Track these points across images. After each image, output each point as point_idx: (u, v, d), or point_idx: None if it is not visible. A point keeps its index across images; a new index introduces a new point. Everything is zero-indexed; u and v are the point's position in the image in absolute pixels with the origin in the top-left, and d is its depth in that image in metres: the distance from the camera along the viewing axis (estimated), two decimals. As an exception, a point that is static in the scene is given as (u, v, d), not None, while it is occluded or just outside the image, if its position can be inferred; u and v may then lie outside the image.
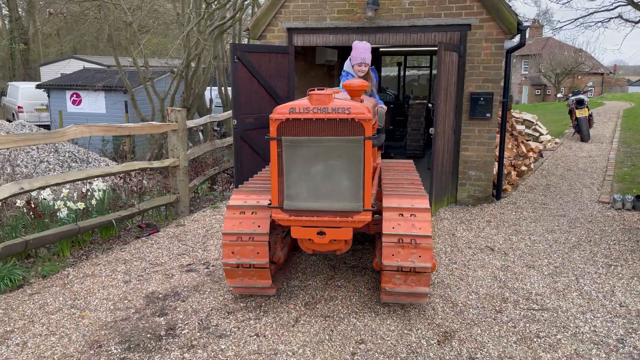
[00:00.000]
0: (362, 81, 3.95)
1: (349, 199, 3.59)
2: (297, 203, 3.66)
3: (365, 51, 5.10)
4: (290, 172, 3.62)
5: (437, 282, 4.70)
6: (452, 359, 3.46)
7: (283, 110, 3.56)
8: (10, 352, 3.54)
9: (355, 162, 3.52)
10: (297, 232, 3.76)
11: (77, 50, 31.30)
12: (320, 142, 3.53)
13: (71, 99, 15.86)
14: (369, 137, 3.48)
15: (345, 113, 3.47)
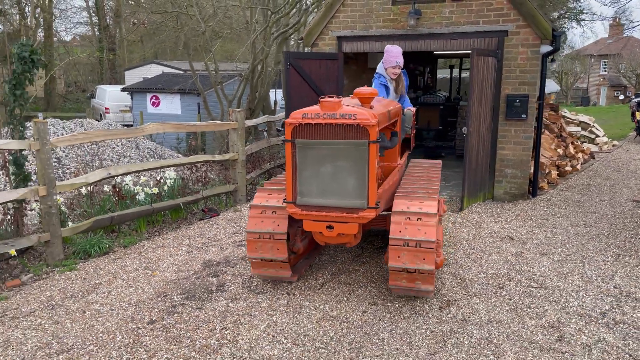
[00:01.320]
0: (371, 90, 4.17)
1: (355, 197, 3.88)
2: (308, 199, 3.99)
3: (399, 54, 5.34)
4: (302, 171, 3.94)
5: (452, 262, 5.32)
6: (447, 320, 4.11)
7: (297, 116, 3.89)
8: (99, 297, 4.57)
9: (361, 163, 3.81)
10: (309, 225, 4.10)
11: (158, 56, 33.64)
12: (329, 144, 3.84)
13: (151, 101, 17.52)
14: (373, 141, 3.75)
15: (352, 119, 3.74)
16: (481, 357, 3.57)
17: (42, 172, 5.29)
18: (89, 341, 3.79)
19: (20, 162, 5.72)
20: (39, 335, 3.90)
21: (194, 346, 3.70)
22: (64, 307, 4.36)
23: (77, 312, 4.26)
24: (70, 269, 5.25)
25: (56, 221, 5.43)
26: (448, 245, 5.85)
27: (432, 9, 8.05)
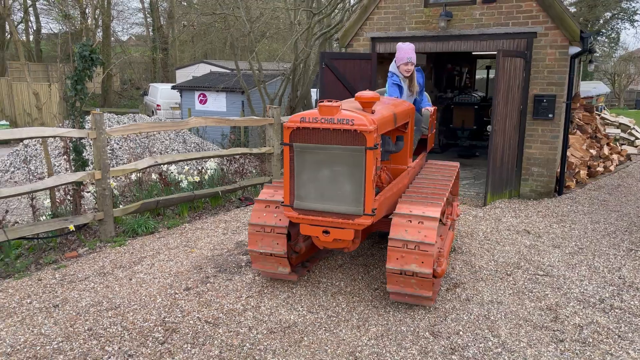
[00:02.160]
0: (373, 94, 4.01)
1: (351, 203, 3.82)
2: (305, 203, 3.94)
3: (410, 50, 5.20)
4: (300, 175, 3.90)
5: (465, 251, 5.65)
6: (451, 299, 4.48)
7: (295, 119, 3.86)
8: (143, 268, 5.19)
9: (358, 169, 3.74)
10: (305, 229, 4.07)
11: (208, 56, 34.90)
12: (326, 149, 3.79)
13: (198, 99, 18.41)
14: (370, 147, 3.68)
15: (349, 124, 3.69)
16: (476, 330, 3.93)
17: (97, 158, 5.97)
18: (133, 302, 4.38)
19: (79, 149, 6.44)
20: (91, 295, 4.53)
21: (222, 309, 4.24)
22: (114, 275, 5.00)
23: (124, 279, 4.88)
24: (119, 245, 5.91)
25: (109, 202, 6.11)
26: (465, 236, 6.18)
27: (463, 11, 8.34)
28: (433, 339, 3.81)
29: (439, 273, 4.08)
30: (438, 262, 4.11)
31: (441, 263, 4.13)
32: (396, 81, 5.24)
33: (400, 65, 5.21)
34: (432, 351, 3.64)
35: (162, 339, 3.77)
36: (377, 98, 3.98)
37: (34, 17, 30.14)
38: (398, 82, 5.24)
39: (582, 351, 3.66)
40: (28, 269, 5.23)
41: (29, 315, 4.14)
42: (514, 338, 3.83)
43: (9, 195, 5.40)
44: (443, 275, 4.22)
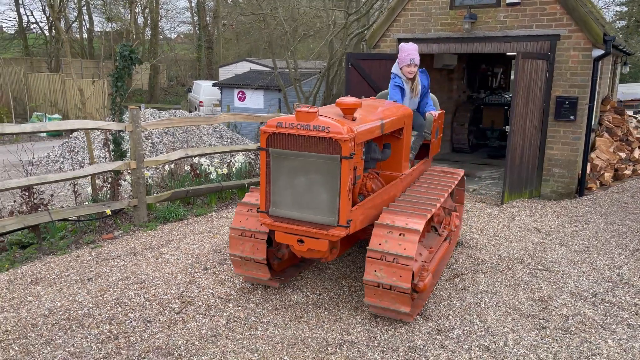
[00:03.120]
0: (354, 100, 3.84)
1: (326, 213, 3.69)
2: (280, 210, 3.84)
3: (414, 52, 5.06)
4: (276, 181, 3.80)
5: (472, 245, 5.89)
6: (449, 288, 4.75)
7: (272, 124, 3.75)
8: (169, 250, 5.69)
9: (333, 178, 3.62)
10: (280, 237, 3.97)
11: (251, 54, 35.76)
12: (302, 156, 3.68)
13: (237, 96, 19.06)
14: (345, 156, 3.55)
15: (325, 132, 3.56)
16: (465, 315, 4.21)
17: (133, 149, 6.54)
18: (157, 278, 4.88)
19: (118, 141, 7.04)
20: (121, 271, 5.06)
21: (234, 287, 4.67)
22: (142, 255, 5.52)
23: (151, 259, 5.40)
24: (151, 229, 6.45)
25: (142, 190, 6.67)
26: (475, 232, 6.40)
27: (487, 13, 8.50)
28: (422, 320, 4.12)
29: (420, 288, 3.93)
30: (420, 276, 3.97)
31: (423, 277, 3.97)
32: (398, 83, 5.16)
33: (403, 67, 5.13)
34: (419, 331, 3.95)
35: (178, 309, 4.24)
36: (359, 105, 3.82)
37: (87, 16, 31.69)
38: (400, 84, 5.16)
39: (562, 338, 3.89)
40: (69, 247, 5.83)
41: (66, 285, 4.70)
42: (499, 324, 4.09)
43: (55, 181, 6.03)
44: (426, 290, 4.06)
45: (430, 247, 4.64)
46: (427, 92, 5.51)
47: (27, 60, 25.63)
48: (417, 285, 3.94)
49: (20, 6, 27.62)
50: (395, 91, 5.16)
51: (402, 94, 5.16)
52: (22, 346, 3.63)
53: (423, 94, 5.42)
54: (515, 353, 3.67)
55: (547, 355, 3.66)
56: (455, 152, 12.83)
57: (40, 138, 16.55)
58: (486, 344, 3.79)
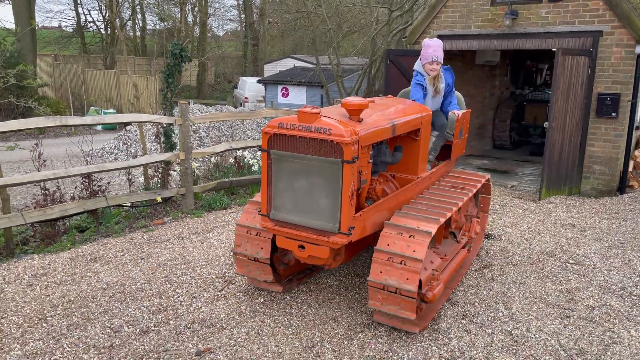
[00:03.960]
0: (361, 100, 3.61)
1: (327, 219, 3.54)
2: (281, 214, 3.71)
3: (437, 48, 4.87)
4: (277, 184, 3.67)
5: (505, 239, 6.01)
6: (478, 278, 4.93)
7: (273, 124, 3.62)
8: (214, 235, 6.09)
9: (334, 183, 3.46)
10: (281, 242, 3.83)
11: (296, 51, 36.25)
12: (303, 159, 3.53)
13: (281, 92, 19.54)
14: (347, 160, 3.37)
15: (326, 134, 3.40)
16: (491, 303, 4.39)
17: (182, 141, 6.98)
18: (202, 259, 5.27)
19: (169, 133, 7.51)
20: (170, 253, 5.48)
21: (272, 270, 5.00)
22: (189, 239, 5.94)
23: (197, 243, 5.81)
24: (197, 216, 6.88)
25: (190, 180, 7.11)
26: (509, 226, 6.50)
27: (529, 9, 8.50)
28: (449, 306, 4.32)
29: (429, 298, 3.73)
30: (429, 286, 3.77)
31: (433, 287, 3.76)
32: (420, 81, 4.95)
33: (425, 65, 4.93)
34: (444, 315, 4.16)
35: (221, 287, 4.61)
36: (365, 105, 3.61)
37: (141, 15, 32.96)
38: (422, 82, 4.95)
39: (585, 326, 4.01)
40: (123, 231, 6.32)
41: (121, 263, 5.16)
42: (524, 312, 4.25)
43: (112, 169, 6.53)
44: (435, 301, 3.82)
45: (445, 254, 4.41)
46: (452, 90, 5.26)
47: (84, 57, 26.97)
48: (425, 294, 3.74)
49: (79, 6, 29.07)
50: (416, 89, 4.96)
51: (423, 92, 4.97)
52: (83, 314, 4.07)
53: (447, 93, 5.19)
54: (537, 338, 3.83)
55: (567, 341, 3.80)
56: (497, 149, 12.80)
57: (96, 131, 17.47)
58: (509, 329, 3.96)
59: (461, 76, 11.21)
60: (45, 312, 4.07)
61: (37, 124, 5.71)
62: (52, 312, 4.07)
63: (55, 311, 4.09)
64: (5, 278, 4.71)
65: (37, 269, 4.94)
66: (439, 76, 5.03)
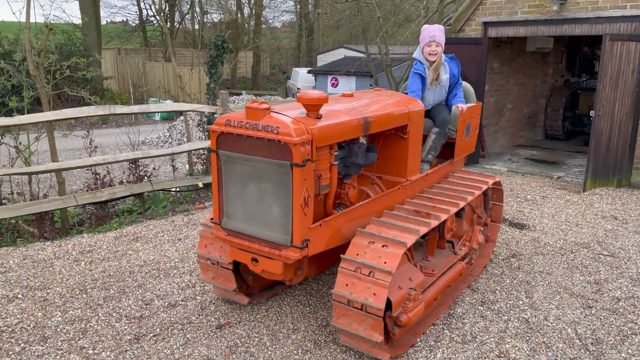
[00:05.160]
0: (319, 94, 3.17)
1: (279, 230, 3.14)
2: (233, 223, 3.33)
3: (436, 30, 4.41)
4: (227, 189, 3.30)
5: (539, 229, 5.90)
6: (506, 267, 4.89)
7: (221, 121, 3.24)
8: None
9: (284, 189, 3.05)
10: (234, 254, 3.46)
11: (350, 41, 36.16)
12: (251, 161, 3.14)
13: (331, 82, 19.66)
14: (297, 163, 2.95)
15: (273, 133, 3.00)
16: (512, 291, 4.37)
17: (223, 129, 7.28)
18: (234, 242, 5.53)
19: (211, 122, 7.84)
20: (206, 235, 5.78)
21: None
22: (226, 223, 6.22)
23: (232, 226, 6.07)
24: (236, 202, 7.17)
25: (230, 166, 7.41)
26: (546, 217, 6.36)
27: (578, -7, 8.17)
28: (469, 292, 4.34)
29: (403, 321, 3.25)
30: (404, 307, 3.28)
31: (408, 309, 3.28)
32: (418, 70, 4.47)
33: (424, 48, 4.44)
34: (462, 301, 4.19)
35: (248, 268, 4.83)
36: (325, 99, 3.17)
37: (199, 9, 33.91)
38: (420, 71, 4.46)
39: (607, 317, 3.93)
40: (167, 214, 6.69)
41: (160, 243, 5.50)
42: (545, 301, 4.20)
43: (156, 155, 6.93)
44: (410, 325, 3.34)
45: (433, 269, 3.94)
46: (458, 82, 4.75)
47: (145, 50, 28.15)
48: (398, 317, 3.25)
49: (141, 1, 30.33)
50: (413, 80, 4.48)
51: (422, 82, 4.48)
52: (120, 287, 4.41)
53: (452, 84, 4.70)
54: (554, 327, 3.80)
55: (585, 330, 3.75)
56: (548, 139, 12.38)
57: (154, 121, 18.29)
58: (526, 317, 3.95)
59: (510, 64, 10.93)
60: (87, 284, 4.44)
61: (88, 113, 6.16)
62: (92, 285, 4.43)
63: (95, 284, 4.46)
64: (56, 254, 5.14)
65: (85, 247, 5.36)
66: (441, 65, 4.52)
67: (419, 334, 3.64)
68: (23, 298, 4.17)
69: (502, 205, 5.11)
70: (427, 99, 4.57)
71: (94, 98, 6.92)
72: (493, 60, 10.16)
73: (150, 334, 3.68)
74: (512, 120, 11.42)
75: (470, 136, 5.01)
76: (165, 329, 3.75)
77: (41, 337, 3.60)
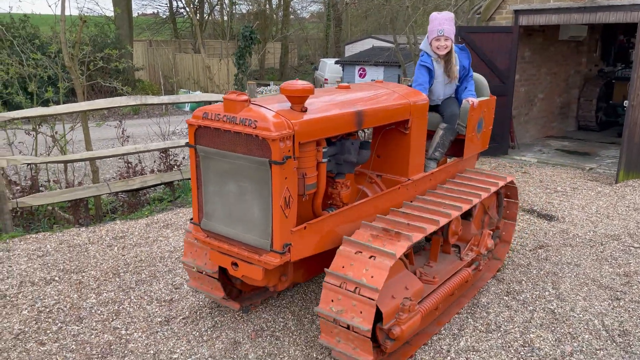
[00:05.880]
0: (304, 85, 2.88)
1: (259, 233, 2.90)
2: (212, 224, 3.11)
3: (444, 21, 4.04)
4: (206, 187, 3.08)
5: (568, 221, 5.82)
6: (532, 257, 4.85)
7: (198, 114, 3.01)
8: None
9: (264, 189, 2.81)
10: (214, 257, 3.23)
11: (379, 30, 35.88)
12: (229, 157, 2.90)
13: (358, 72, 19.58)
14: (276, 161, 2.70)
15: (251, 127, 2.75)
16: (538, 282, 4.34)
17: (250, 119, 7.37)
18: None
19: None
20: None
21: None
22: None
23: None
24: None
25: (258, 156, 7.51)
26: (576, 208, 6.26)
27: (614, -21, 7.94)
28: (494, 282, 4.33)
29: (395, 334, 2.97)
30: (398, 319, 2.99)
31: (402, 321, 2.98)
32: (425, 62, 4.13)
33: (432, 41, 4.11)
34: (487, 291, 4.19)
35: (274, 255, 4.92)
36: (310, 91, 2.90)
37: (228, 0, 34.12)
38: (427, 64, 4.13)
39: (635, 309, 3.87)
40: (195, 202, 6.84)
41: (189, 230, 5.64)
42: (572, 292, 4.16)
43: (184, 145, 7.08)
44: (404, 339, 3.07)
45: (434, 276, 3.64)
46: (468, 74, 4.41)
47: (175, 42, 28.53)
48: (391, 330, 2.98)
49: (171, -7, 30.67)
50: (420, 72, 4.15)
51: (430, 75, 4.15)
52: (151, 272, 4.55)
53: (462, 77, 4.37)
54: (580, 318, 3.77)
55: (612, 322, 3.71)
56: (581, 130, 12.11)
57: (184, 112, 18.58)
58: (552, 307, 3.92)
59: (542, 53, 10.71)
60: (119, 268, 4.60)
61: (120, 103, 6.32)
62: (124, 269, 4.59)
63: (128, 268, 4.61)
64: (90, 239, 5.33)
65: (118, 233, 5.53)
66: (452, 56, 4.15)
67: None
68: (60, 280, 4.35)
69: (517, 203, 4.74)
70: (435, 93, 4.29)
71: (125, 89, 7.09)
72: (524, 49, 9.97)
73: (179, 316, 3.81)
74: (543, 111, 11.22)
75: (483, 132, 4.67)
76: (194, 312, 3.86)
77: (77, 318, 3.76)
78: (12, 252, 4.91)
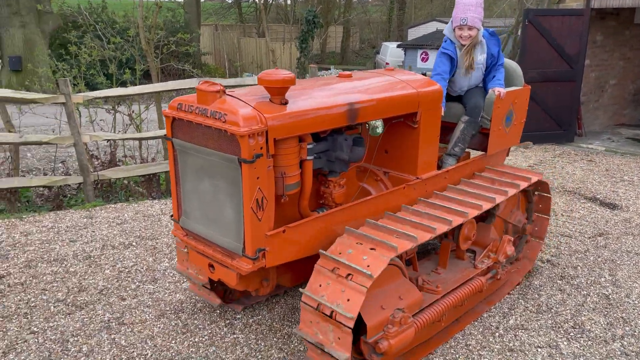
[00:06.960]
0: (285, 74, 2.61)
1: (233, 236, 2.70)
2: (190, 222, 2.96)
3: (471, 7, 3.68)
4: (184, 183, 2.92)
5: (632, 210, 5.68)
6: (589, 244, 4.81)
7: (173, 105, 2.80)
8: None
9: (235, 189, 2.60)
10: (193, 257, 3.07)
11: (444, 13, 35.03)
12: (202, 153, 2.71)
13: (421, 57, 19.33)
14: (245, 159, 2.47)
15: (221, 120, 2.53)
16: (595, 268, 4.32)
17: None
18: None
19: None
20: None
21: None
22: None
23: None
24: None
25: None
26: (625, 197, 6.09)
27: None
28: (548, 267, 4.36)
29: (382, 349, 2.69)
30: (386, 332, 2.71)
31: (390, 334, 2.71)
32: (447, 49, 3.84)
33: (455, 29, 3.81)
34: (540, 274, 4.23)
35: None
36: (291, 81, 2.62)
37: (292, -16, 34.39)
38: (450, 51, 3.82)
39: (695, 300, 3.81)
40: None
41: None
42: (629, 280, 4.13)
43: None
44: (395, 355, 2.79)
45: (437, 285, 3.24)
46: (498, 62, 3.99)
47: (240, 26, 29.18)
48: (377, 343, 2.70)
49: (237, -22, 31.30)
50: (441, 60, 3.85)
51: (452, 64, 3.84)
52: (218, 242, 4.90)
53: (490, 65, 3.99)
54: (635, 304, 3.76)
55: (669, 310, 3.68)
56: (656, 120, 11.51)
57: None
58: (607, 293, 3.93)
59: (615, 37, 10.25)
60: (189, 237, 4.98)
61: (190, 85, 6.71)
62: (193, 238, 4.97)
63: (196, 237, 4.98)
64: (162, 210, 5.77)
65: (187, 205, 5.94)
66: (478, 45, 3.83)
67: (493, 303, 3.63)
68: (137, 245, 4.78)
69: (550, 197, 4.22)
70: (458, 83, 3.99)
71: (195, 71, 7.48)
72: (596, 33, 9.59)
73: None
74: (614, 98, 10.76)
75: (513, 126, 4.17)
76: (256, 280, 4.16)
77: (152, 278, 4.15)
78: (94, 219, 5.41)
